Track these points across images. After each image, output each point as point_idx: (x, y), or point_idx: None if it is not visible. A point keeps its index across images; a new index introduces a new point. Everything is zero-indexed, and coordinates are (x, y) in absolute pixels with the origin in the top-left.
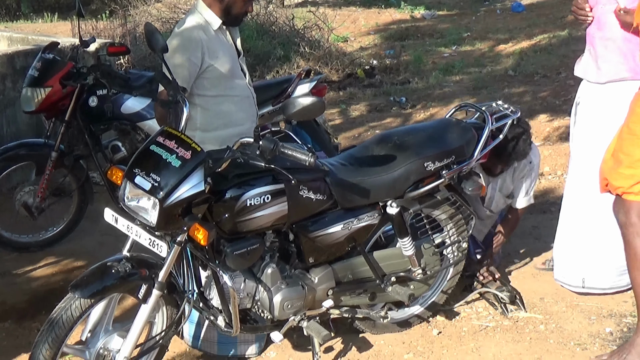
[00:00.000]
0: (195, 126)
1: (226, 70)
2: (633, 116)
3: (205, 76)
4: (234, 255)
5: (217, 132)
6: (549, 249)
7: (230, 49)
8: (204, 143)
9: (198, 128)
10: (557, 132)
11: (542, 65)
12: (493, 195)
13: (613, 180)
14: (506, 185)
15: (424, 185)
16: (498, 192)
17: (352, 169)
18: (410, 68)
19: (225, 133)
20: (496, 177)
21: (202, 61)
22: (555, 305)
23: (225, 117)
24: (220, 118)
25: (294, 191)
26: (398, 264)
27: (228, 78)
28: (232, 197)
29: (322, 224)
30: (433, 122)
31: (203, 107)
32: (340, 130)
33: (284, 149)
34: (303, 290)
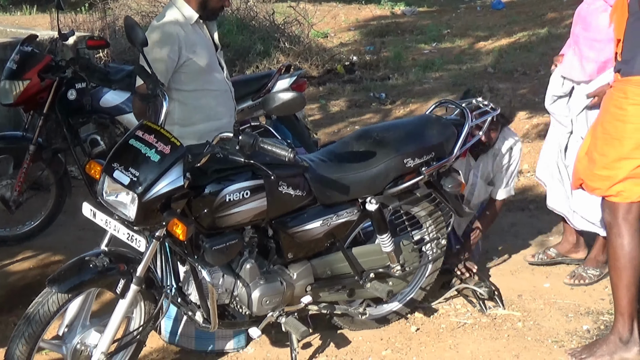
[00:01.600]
0: (174, 120)
1: (204, 64)
2: (606, 115)
3: (182, 70)
4: (213, 250)
5: (196, 126)
6: (528, 246)
7: (208, 43)
8: (182, 137)
9: (176, 122)
10: (535, 129)
11: (521, 62)
12: (475, 183)
13: (589, 181)
14: (487, 172)
15: (404, 181)
16: (480, 179)
17: (332, 165)
18: (390, 64)
19: (204, 127)
20: (478, 163)
21: (179, 56)
22: (533, 303)
23: (203, 111)
24: (199, 112)
25: (273, 187)
26: (377, 261)
27: (206, 72)
28: (211, 192)
29: (301, 219)
30: (413, 119)
31: (181, 101)
32: (320, 126)
33: (263, 144)
34: (282, 286)
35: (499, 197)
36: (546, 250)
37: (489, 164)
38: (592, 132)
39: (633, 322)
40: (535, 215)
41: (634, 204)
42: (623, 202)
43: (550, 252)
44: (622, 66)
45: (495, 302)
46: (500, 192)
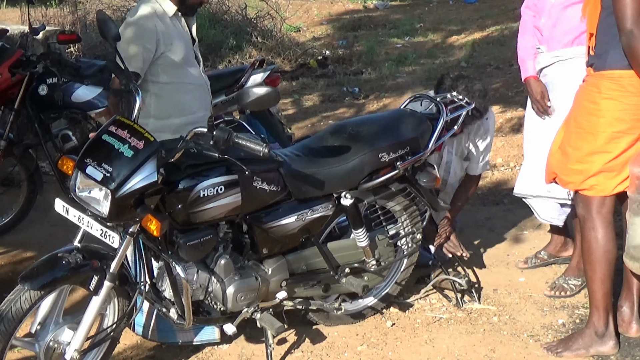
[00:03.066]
0: (149, 114)
1: (180, 57)
2: (580, 110)
3: (159, 63)
4: (187, 246)
5: (171, 120)
6: (503, 240)
7: (185, 37)
8: (157, 131)
9: (152, 115)
10: (509, 123)
11: (494, 56)
12: (450, 160)
13: (562, 175)
14: (462, 148)
15: (379, 176)
16: (455, 156)
17: (306, 159)
18: (363, 59)
19: (179, 121)
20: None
21: (156, 48)
22: (508, 297)
23: (179, 104)
24: (174, 106)
25: (248, 182)
26: (352, 255)
27: (182, 66)
28: (185, 187)
29: (275, 215)
30: (387, 113)
31: (157, 94)
32: (294, 121)
33: (237, 139)
34: (256, 282)
35: (475, 172)
36: (537, 254)
37: (462, 139)
38: (566, 127)
39: (608, 316)
40: (510, 210)
41: (607, 198)
42: (596, 196)
43: (541, 255)
44: (595, 60)
45: (471, 296)
46: (476, 167)
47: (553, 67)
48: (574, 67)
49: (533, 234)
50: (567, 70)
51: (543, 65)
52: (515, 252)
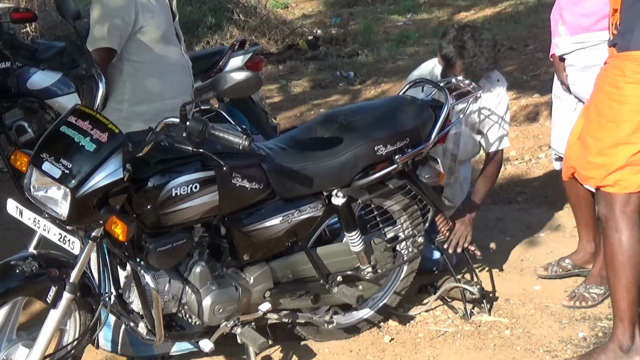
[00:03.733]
0: (123, 97)
1: (160, 33)
2: (601, 95)
3: (136, 39)
4: (158, 252)
5: (148, 105)
6: (516, 243)
7: (166, 11)
8: (132, 119)
9: (126, 100)
10: (524, 111)
11: (507, 35)
12: (460, 131)
13: (582, 169)
14: (472, 118)
15: (374, 172)
16: (465, 127)
17: (293, 153)
18: (359, 39)
19: (157, 107)
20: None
21: (135, 20)
22: (522, 308)
23: (157, 87)
24: (152, 88)
25: (226, 179)
26: (345, 262)
27: (161, 42)
28: (155, 186)
29: (258, 216)
30: (385, 100)
31: (132, 75)
32: (280, 110)
33: (214, 131)
34: (236, 292)
35: (491, 147)
36: (560, 262)
37: (474, 110)
38: (585, 115)
39: (634, 328)
40: (525, 209)
41: (633, 195)
42: (620, 193)
43: (564, 263)
44: (619, 40)
45: (481, 307)
46: (495, 142)
47: (574, 55)
48: (598, 54)
49: (551, 237)
50: (590, 58)
51: (563, 52)
52: (530, 257)
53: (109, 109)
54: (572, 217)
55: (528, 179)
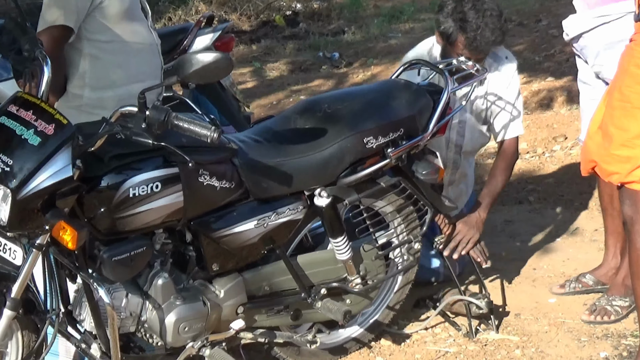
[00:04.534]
0: (84, 83)
1: (124, 7)
2: (626, 78)
3: (97, 15)
4: (113, 262)
5: (112, 90)
6: (528, 249)
7: None
8: (96, 106)
9: (87, 85)
10: (536, 97)
11: (516, 9)
12: (465, 120)
13: (604, 163)
14: (479, 106)
15: (364, 167)
16: (470, 115)
17: (269, 147)
18: (344, 14)
19: (123, 92)
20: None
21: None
22: (534, 324)
23: (123, 69)
24: (117, 71)
25: (192, 177)
26: (330, 272)
27: (125, 19)
28: (109, 185)
29: (229, 220)
30: (375, 85)
31: (94, 57)
32: (254, 96)
33: (178, 121)
34: (204, 308)
35: (507, 136)
36: (580, 278)
37: (479, 94)
38: (608, 100)
39: None
40: (537, 210)
41: None
42: None
43: (585, 279)
44: None
45: (488, 324)
46: (507, 129)
47: (596, 32)
48: (624, 28)
49: (567, 242)
50: (615, 32)
51: (582, 29)
52: (544, 266)
53: (68, 96)
54: (591, 218)
55: (541, 176)
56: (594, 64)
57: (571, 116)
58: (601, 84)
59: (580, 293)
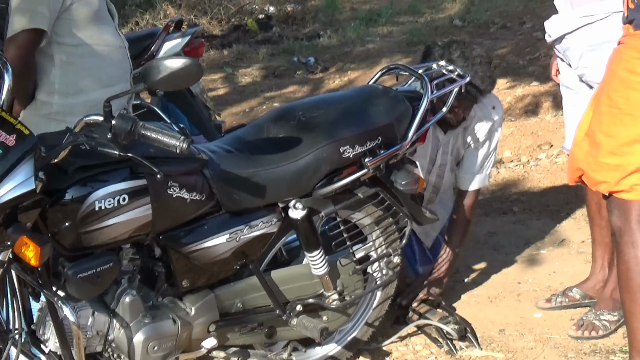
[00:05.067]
0: (53, 89)
1: (92, 10)
2: (614, 82)
3: (67, 17)
4: (78, 279)
5: (83, 95)
6: (512, 262)
7: None
8: (64, 113)
9: (57, 91)
10: (520, 103)
11: (499, 11)
12: (445, 163)
13: (592, 171)
14: (457, 148)
15: (340, 178)
16: (451, 156)
17: (241, 157)
18: (320, 17)
19: (94, 97)
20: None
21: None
22: (520, 340)
23: (93, 74)
24: (87, 76)
25: (161, 189)
26: (305, 288)
27: (94, 22)
28: (74, 198)
29: (200, 233)
30: (351, 91)
31: (64, 61)
32: (225, 104)
33: (145, 131)
34: (174, 326)
35: (471, 187)
36: (566, 292)
37: (459, 137)
38: (595, 105)
39: None
40: (522, 221)
41: None
42: (638, 200)
43: (572, 293)
44: (636, 15)
45: (469, 341)
46: (471, 179)
47: (580, 32)
48: (609, 28)
49: (553, 254)
50: (601, 33)
51: (565, 30)
52: (529, 279)
53: (36, 104)
54: (578, 229)
55: (526, 185)
56: (578, 66)
57: (557, 123)
58: (585, 89)
59: (567, 307)
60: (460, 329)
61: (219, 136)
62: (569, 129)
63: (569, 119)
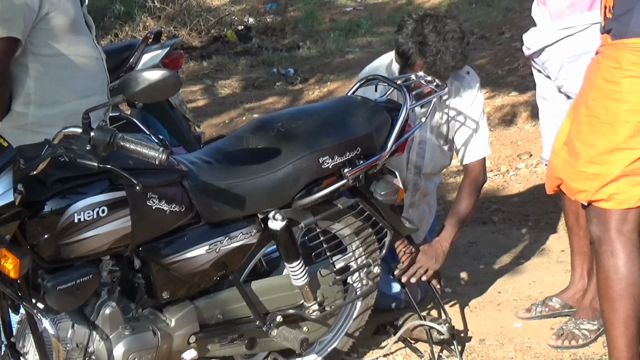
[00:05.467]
0: (29, 99)
1: (69, 20)
2: (593, 91)
3: (42, 27)
4: (58, 291)
5: (59, 107)
6: (492, 272)
7: None
8: (40, 124)
9: (32, 102)
10: (499, 112)
11: (478, 21)
12: (425, 139)
13: (570, 180)
14: (440, 125)
15: (320, 189)
16: (431, 135)
17: (220, 168)
18: (299, 28)
19: (71, 107)
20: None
21: (39, 6)
22: (500, 350)
23: (69, 85)
24: (64, 87)
25: (140, 201)
26: (285, 298)
27: (70, 32)
28: (53, 210)
29: (179, 245)
30: (331, 102)
31: (40, 71)
32: (205, 115)
33: (124, 142)
34: (155, 338)
35: (473, 158)
36: (546, 301)
37: (441, 113)
38: (574, 115)
39: None
40: (502, 230)
41: (631, 212)
42: (616, 209)
43: (552, 302)
44: (614, 25)
45: (450, 350)
46: (473, 152)
47: (559, 45)
48: (588, 39)
49: (533, 264)
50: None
51: (545, 43)
52: (509, 289)
53: (12, 116)
54: (558, 239)
55: (505, 195)
56: (557, 78)
57: (536, 132)
58: (562, 100)
59: (547, 317)
60: (450, 328)
61: (198, 147)
62: (547, 139)
63: (547, 130)
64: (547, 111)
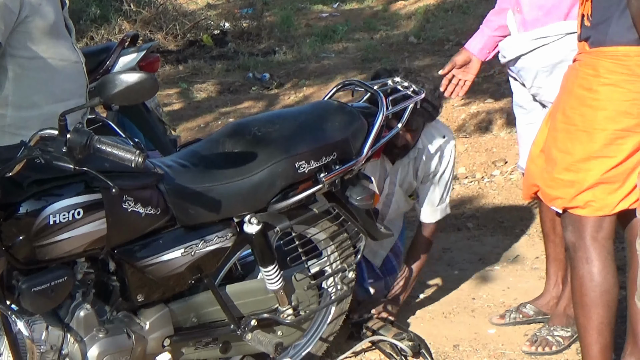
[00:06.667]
0: (6, 101)
1: (49, 23)
2: (570, 99)
3: (22, 29)
4: (32, 293)
5: (37, 109)
6: (466, 278)
7: None
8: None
9: (10, 104)
10: (474, 119)
11: (454, 28)
12: (392, 192)
13: (547, 187)
14: (408, 181)
15: (295, 193)
16: (398, 188)
17: (196, 171)
18: (275, 33)
19: (48, 110)
20: (396, 168)
21: (20, 7)
22: (473, 356)
23: (47, 88)
24: (41, 89)
25: (115, 203)
26: (260, 302)
27: (50, 35)
28: (28, 212)
29: (154, 248)
30: (307, 107)
31: (18, 73)
32: (180, 119)
33: (100, 145)
34: (129, 340)
35: (431, 219)
36: (520, 308)
37: (410, 169)
38: (550, 122)
39: None
40: (476, 237)
41: (607, 219)
42: (592, 216)
43: (526, 309)
44: (591, 32)
45: (423, 356)
46: (432, 212)
47: (535, 54)
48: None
49: (507, 270)
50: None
51: (520, 52)
52: (484, 295)
53: None
54: (532, 246)
55: (480, 202)
56: (532, 86)
57: (511, 139)
58: (538, 108)
59: (521, 323)
60: (414, 345)
61: (173, 151)
62: (523, 147)
63: (523, 138)
64: (523, 119)
